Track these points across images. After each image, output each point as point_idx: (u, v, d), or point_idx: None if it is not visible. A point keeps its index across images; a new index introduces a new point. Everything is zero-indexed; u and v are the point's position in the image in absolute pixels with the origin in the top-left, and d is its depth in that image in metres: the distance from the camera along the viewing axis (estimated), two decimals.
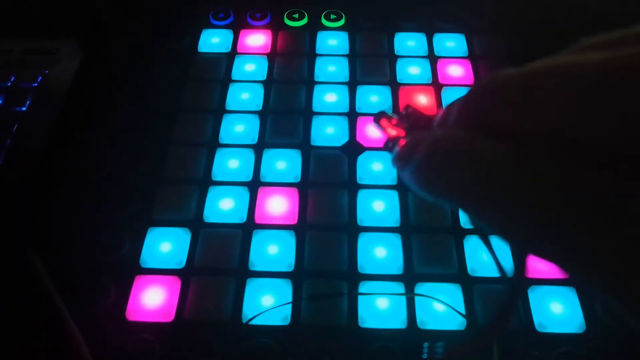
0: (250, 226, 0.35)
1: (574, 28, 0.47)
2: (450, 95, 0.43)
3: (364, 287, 0.33)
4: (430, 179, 0.16)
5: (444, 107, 0.18)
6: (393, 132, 0.22)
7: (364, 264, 0.34)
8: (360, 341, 0.31)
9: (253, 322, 0.31)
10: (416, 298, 0.32)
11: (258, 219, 0.36)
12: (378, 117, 0.23)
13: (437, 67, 0.45)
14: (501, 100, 0.14)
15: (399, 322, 0.31)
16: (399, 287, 0.33)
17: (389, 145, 0.21)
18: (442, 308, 0.32)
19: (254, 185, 0.37)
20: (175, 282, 0.33)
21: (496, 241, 0.18)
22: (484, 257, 0.34)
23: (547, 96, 0.13)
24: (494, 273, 0.33)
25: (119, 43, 0.48)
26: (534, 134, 0.13)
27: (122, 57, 0.46)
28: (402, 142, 0.19)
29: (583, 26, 0.46)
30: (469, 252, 0.34)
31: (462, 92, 0.42)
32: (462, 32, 0.48)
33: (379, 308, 0.32)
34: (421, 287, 0.33)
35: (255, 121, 0.41)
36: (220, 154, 0.39)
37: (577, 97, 0.12)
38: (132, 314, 0.32)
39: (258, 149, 0.39)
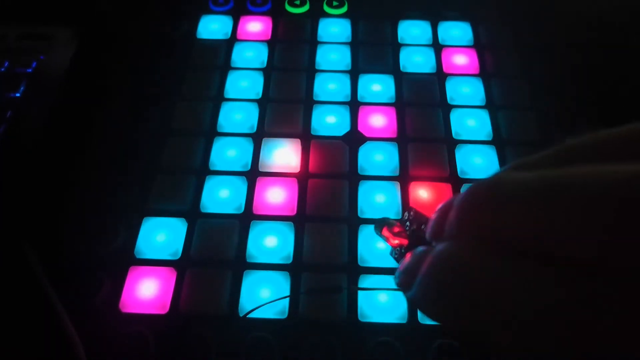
0: (248, 217, 0.35)
1: (580, 17, 0.45)
2: (454, 85, 0.42)
3: (364, 280, 0.32)
4: (434, 306, 0.15)
5: (438, 209, 0.17)
6: (396, 241, 0.21)
7: (365, 257, 0.33)
8: (359, 335, 0.30)
9: (250, 316, 0.30)
10: None
11: (256, 210, 0.35)
12: (379, 227, 0.22)
13: (442, 55, 0.44)
14: (507, 216, 0.13)
15: (399, 316, 0.31)
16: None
17: (394, 255, 0.21)
18: None
19: (253, 175, 0.36)
20: (171, 274, 0.32)
21: None
22: None
23: (566, 218, 0.12)
24: None
25: (116, 29, 0.46)
26: (556, 257, 0.12)
27: (119, 43, 0.45)
28: (408, 255, 0.18)
29: (589, 15, 0.45)
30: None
31: (468, 81, 0.42)
32: (467, 20, 0.47)
33: (379, 302, 0.31)
34: None
35: (254, 110, 0.40)
36: (218, 143, 0.38)
37: (602, 223, 0.11)
38: (126, 306, 0.31)
39: (257, 138, 0.39)
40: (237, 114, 0.40)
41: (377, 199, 0.35)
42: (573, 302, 0.11)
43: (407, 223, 0.21)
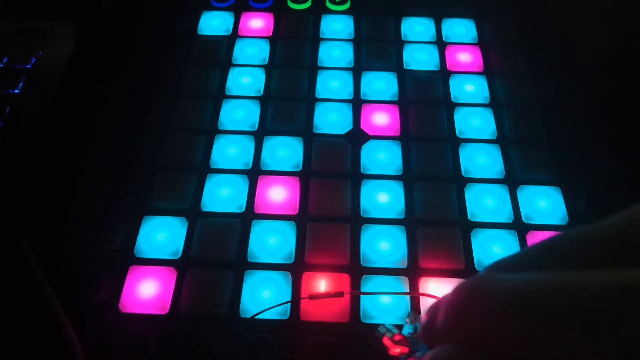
0: (249, 216, 0.34)
1: (585, 13, 0.45)
2: (458, 83, 0.41)
3: (367, 281, 0.32)
4: None
5: (428, 309, 0.17)
6: (397, 350, 0.21)
7: (368, 257, 0.32)
8: (362, 336, 0.30)
9: (250, 316, 0.30)
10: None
11: (257, 209, 0.34)
12: (380, 335, 0.22)
13: (446, 53, 0.43)
14: (489, 323, 0.13)
15: (402, 317, 0.30)
16: (403, 282, 0.32)
17: None
18: None
19: (254, 173, 0.36)
20: (171, 273, 0.32)
21: None
22: (495, 249, 0.33)
23: (545, 331, 0.12)
24: None
25: (116, 24, 0.46)
26: None
27: (119, 39, 0.45)
28: None
29: (595, 12, 0.45)
30: (476, 247, 0.33)
31: (471, 79, 0.41)
32: (471, 17, 0.46)
33: (382, 303, 0.31)
34: (425, 283, 0.32)
35: (255, 107, 0.40)
36: (219, 141, 0.38)
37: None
38: (126, 306, 0.31)
39: (258, 136, 0.38)
40: (239, 112, 0.39)
41: (380, 199, 0.35)
42: None
43: (408, 329, 0.21)
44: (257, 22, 0.45)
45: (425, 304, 0.31)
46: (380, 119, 0.39)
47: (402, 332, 0.21)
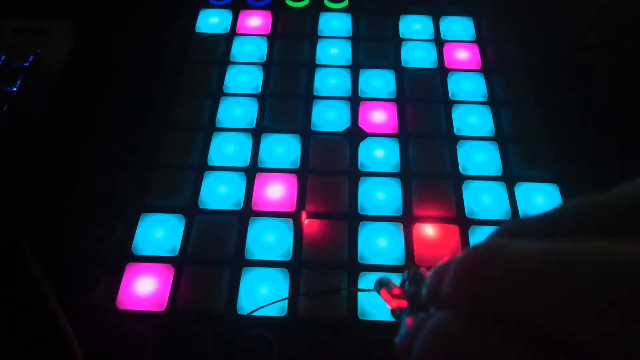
0: (246, 213, 0.34)
1: (583, 12, 0.45)
2: (456, 81, 0.41)
3: (364, 278, 0.32)
4: None
5: (434, 270, 0.17)
6: (394, 303, 0.20)
7: (365, 254, 0.32)
8: (359, 334, 0.30)
9: (247, 313, 0.30)
10: None
11: (255, 206, 0.34)
12: (378, 288, 0.21)
13: (444, 51, 0.43)
14: (507, 292, 0.13)
15: None
16: (400, 278, 0.31)
17: (395, 315, 0.20)
18: None
19: (252, 171, 0.36)
20: (168, 270, 0.32)
21: None
22: None
23: (569, 303, 0.11)
24: None
25: (114, 22, 0.46)
26: (556, 341, 0.12)
27: (117, 37, 0.45)
28: (408, 320, 0.17)
29: (593, 10, 0.45)
30: (474, 244, 0.33)
31: (469, 77, 0.41)
32: (469, 15, 0.46)
33: (379, 300, 0.31)
34: None
35: (253, 105, 0.40)
36: (217, 139, 0.38)
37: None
38: (123, 303, 0.31)
39: (256, 133, 0.38)
40: (236, 109, 0.39)
41: (378, 196, 0.35)
42: None
43: (407, 284, 0.20)
44: (255, 20, 0.45)
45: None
46: (378, 116, 0.39)
47: (402, 287, 0.20)
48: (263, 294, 0.31)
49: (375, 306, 0.31)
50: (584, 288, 0.11)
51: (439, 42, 0.44)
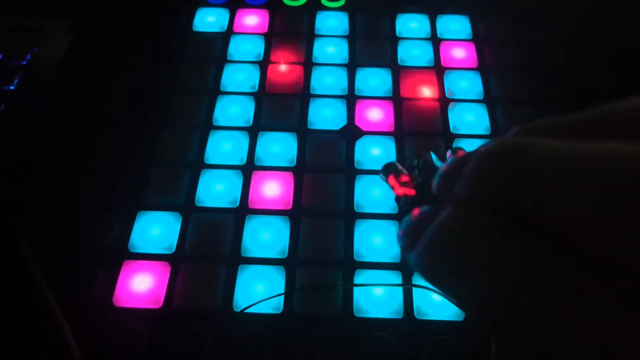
0: (243, 211, 0.34)
1: (579, 11, 0.45)
2: (452, 80, 0.41)
3: (360, 275, 0.32)
4: (433, 271, 0.14)
5: (450, 158, 0.16)
6: (401, 191, 0.19)
7: (360, 252, 0.33)
8: (355, 330, 0.30)
9: (241, 310, 0.30)
10: (413, 287, 0.31)
11: (251, 204, 0.35)
12: (386, 173, 0.20)
13: (440, 49, 0.44)
14: (527, 187, 0.12)
15: (394, 311, 0.30)
16: (396, 276, 0.32)
17: (399, 203, 0.19)
18: (439, 298, 0.31)
19: (248, 169, 0.36)
20: (165, 268, 0.32)
21: None
22: None
23: (603, 207, 0.10)
24: None
25: (111, 21, 0.46)
26: (567, 236, 0.11)
27: (114, 35, 0.45)
28: (414, 211, 0.16)
29: (588, 9, 0.45)
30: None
31: (466, 75, 0.41)
32: (466, 13, 0.46)
33: (375, 297, 0.31)
34: (419, 277, 0.32)
35: (250, 103, 0.40)
36: (213, 137, 0.38)
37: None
38: (120, 300, 0.31)
39: (253, 131, 0.38)
40: (233, 108, 0.40)
41: (374, 194, 0.35)
42: (586, 299, 0.10)
43: (416, 172, 0.19)
44: (252, 19, 0.46)
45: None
46: (375, 114, 0.39)
47: (410, 174, 0.19)
48: (259, 291, 0.31)
49: (370, 303, 0.31)
50: (622, 195, 0.10)
51: (435, 41, 0.44)
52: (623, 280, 0.10)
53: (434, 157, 0.19)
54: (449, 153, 0.18)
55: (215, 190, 0.35)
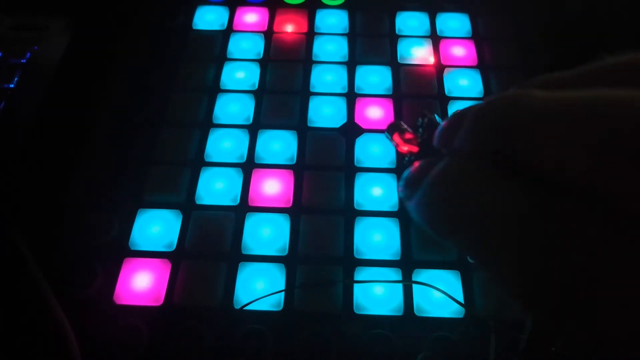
0: (243, 209, 0.34)
1: (582, 9, 0.45)
2: (452, 77, 0.42)
3: (360, 272, 0.32)
4: (431, 216, 0.14)
5: (452, 115, 0.16)
6: (405, 148, 0.20)
7: (361, 249, 0.33)
8: (355, 328, 0.30)
9: (245, 308, 0.30)
10: (413, 284, 0.31)
11: (252, 202, 0.35)
12: (391, 131, 0.21)
13: (440, 47, 0.44)
14: (524, 134, 0.12)
15: (394, 308, 0.31)
16: (396, 273, 0.32)
17: (404, 161, 0.20)
18: (439, 295, 0.31)
19: (248, 166, 0.36)
20: (165, 266, 0.32)
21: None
22: None
23: (596, 147, 0.10)
24: None
25: (111, 19, 0.46)
26: (565, 182, 0.11)
27: (114, 34, 0.45)
28: (416, 164, 0.16)
29: (592, 10, 0.45)
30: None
31: (466, 73, 0.41)
32: (465, 11, 0.46)
33: (375, 294, 0.31)
34: (419, 274, 0.32)
35: (250, 101, 0.40)
36: (213, 135, 0.38)
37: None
38: (120, 298, 0.31)
39: (253, 129, 0.38)
40: (233, 105, 0.40)
41: (374, 192, 0.35)
42: (589, 246, 0.10)
43: (420, 130, 0.19)
44: (252, 17, 0.46)
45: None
46: (375, 112, 0.39)
47: (414, 132, 0.20)
48: (259, 288, 0.31)
49: (370, 300, 0.31)
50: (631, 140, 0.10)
51: (435, 39, 0.44)
52: (624, 219, 0.10)
53: (437, 118, 0.19)
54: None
55: (216, 188, 0.35)
